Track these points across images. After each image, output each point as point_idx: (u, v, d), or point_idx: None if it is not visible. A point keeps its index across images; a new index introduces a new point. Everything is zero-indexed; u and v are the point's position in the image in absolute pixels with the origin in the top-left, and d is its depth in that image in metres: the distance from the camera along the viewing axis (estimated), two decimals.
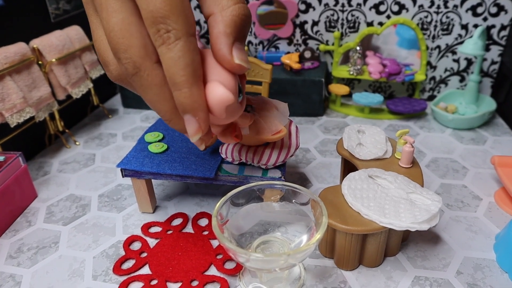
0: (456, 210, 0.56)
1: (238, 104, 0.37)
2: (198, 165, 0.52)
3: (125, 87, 0.39)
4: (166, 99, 0.36)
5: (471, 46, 0.75)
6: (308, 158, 0.70)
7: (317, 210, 0.42)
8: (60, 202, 0.61)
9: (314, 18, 0.87)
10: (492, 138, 0.75)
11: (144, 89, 0.36)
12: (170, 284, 0.46)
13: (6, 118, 0.62)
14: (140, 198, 0.56)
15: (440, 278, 0.46)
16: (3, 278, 0.48)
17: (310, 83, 0.82)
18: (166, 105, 0.36)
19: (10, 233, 0.56)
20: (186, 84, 0.35)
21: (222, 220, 0.42)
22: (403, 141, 0.52)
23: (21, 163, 0.60)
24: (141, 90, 0.36)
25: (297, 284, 0.45)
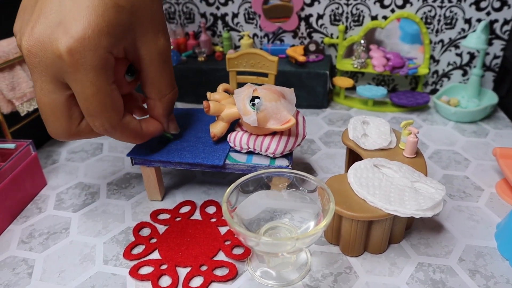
0: (458, 200, 0.57)
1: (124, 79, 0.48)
2: (207, 153, 0.53)
3: None
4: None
5: (474, 40, 0.76)
6: (313, 149, 0.71)
7: (324, 197, 0.43)
8: (70, 190, 0.63)
9: (319, 11, 0.88)
10: (494, 131, 0.76)
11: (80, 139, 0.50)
12: (179, 269, 0.47)
13: (17, 106, 0.63)
14: (149, 186, 0.57)
15: (443, 265, 0.47)
16: (16, 262, 0.50)
17: (314, 75, 0.83)
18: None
19: (21, 219, 0.57)
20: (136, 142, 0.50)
21: (231, 206, 0.44)
22: (408, 132, 0.53)
23: (32, 151, 0.61)
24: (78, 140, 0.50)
25: (303, 269, 0.46)
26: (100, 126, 0.43)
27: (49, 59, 0.39)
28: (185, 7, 0.95)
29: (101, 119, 0.42)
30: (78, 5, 0.39)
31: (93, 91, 0.40)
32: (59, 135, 0.45)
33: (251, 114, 0.48)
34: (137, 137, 0.48)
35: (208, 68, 0.87)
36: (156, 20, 0.45)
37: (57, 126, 0.44)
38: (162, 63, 0.47)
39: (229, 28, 0.95)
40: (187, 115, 0.62)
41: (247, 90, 0.49)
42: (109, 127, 0.44)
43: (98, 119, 0.42)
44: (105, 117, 0.43)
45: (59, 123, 0.44)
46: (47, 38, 0.39)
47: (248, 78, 0.69)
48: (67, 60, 0.39)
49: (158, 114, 0.51)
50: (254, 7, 0.89)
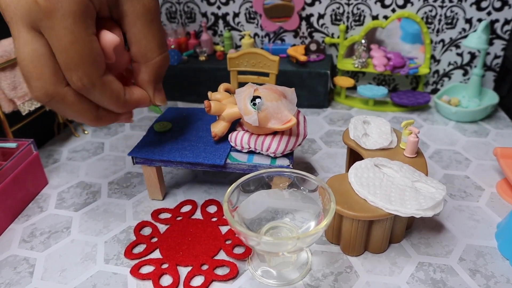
0: (459, 200, 0.58)
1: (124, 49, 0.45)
2: (208, 153, 0.53)
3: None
4: (86, 111, 0.43)
5: (475, 40, 0.76)
6: (314, 149, 0.71)
7: (325, 197, 0.43)
8: (71, 189, 0.63)
9: (320, 11, 0.88)
10: (494, 131, 0.76)
11: (63, 110, 0.42)
12: (180, 268, 0.47)
13: (18, 106, 0.63)
14: (150, 185, 0.57)
15: (443, 264, 0.47)
16: (17, 261, 0.50)
17: (315, 75, 0.83)
18: (88, 116, 0.43)
19: (22, 218, 0.57)
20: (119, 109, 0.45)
21: (232, 206, 0.44)
22: (408, 132, 0.53)
23: (33, 150, 0.61)
24: (61, 111, 0.42)
25: (304, 268, 0.47)
26: (77, 81, 0.39)
27: (24, 7, 0.37)
28: (186, 6, 0.95)
29: (79, 73, 0.39)
30: None
31: (70, 39, 0.38)
32: (43, 93, 0.40)
33: (252, 113, 0.48)
34: (118, 101, 0.44)
35: (209, 67, 0.87)
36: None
37: (40, 81, 0.39)
38: (148, 22, 0.44)
39: (230, 28, 0.95)
40: (188, 115, 0.62)
41: (248, 89, 0.50)
42: (88, 82, 0.40)
43: (75, 72, 0.39)
44: (83, 71, 0.39)
45: (43, 78, 0.39)
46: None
47: (249, 77, 0.69)
48: (43, 5, 0.36)
49: (143, 80, 0.47)
50: (255, 6, 0.90)
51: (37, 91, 0.40)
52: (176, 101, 0.92)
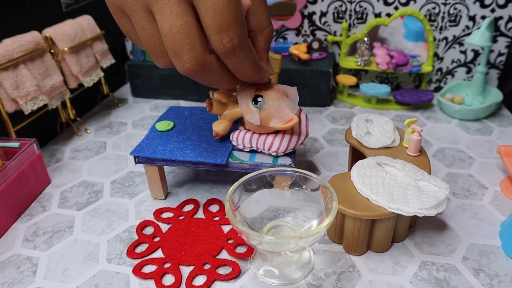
0: (462, 199, 0.57)
1: None
2: (210, 152, 0.53)
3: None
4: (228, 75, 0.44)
5: (478, 37, 0.76)
6: (316, 147, 0.71)
7: (327, 196, 0.43)
8: (73, 188, 0.63)
9: (322, 9, 0.88)
10: (498, 129, 0.75)
11: (209, 77, 0.43)
12: (182, 268, 0.47)
13: (21, 105, 0.63)
14: (153, 185, 0.57)
15: (447, 263, 0.47)
16: (20, 260, 0.50)
17: (318, 73, 0.83)
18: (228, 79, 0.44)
19: (25, 217, 0.57)
20: (254, 75, 0.45)
21: (234, 205, 0.44)
22: (411, 130, 0.53)
23: (35, 149, 0.61)
24: (207, 78, 0.43)
25: (306, 268, 0.46)
26: (228, 42, 0.39)
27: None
28: None
29: (231, 33, 0.39)
30: None
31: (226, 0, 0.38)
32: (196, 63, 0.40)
33: (253, 113, 0.48)
34: (256, 65, 0.45)
35: None
36: None
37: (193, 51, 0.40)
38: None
39: None
40: (190, 114, 0.62)
41: (250, 89, 0.49)
42: (238, 42, 0.40)
43: (227, 33, 0.39)
44: (235, 30, 0.39)
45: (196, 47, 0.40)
46: None
47: None
48: None
49: (260, 48, 0.47)
50: None
51: (190, 61, 0.40)
52: (178, 100, 0.92)
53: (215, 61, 0.42)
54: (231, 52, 0.40)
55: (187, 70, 0.41)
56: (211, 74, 0.42)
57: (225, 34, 0.39)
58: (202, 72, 0.41)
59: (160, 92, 0.92)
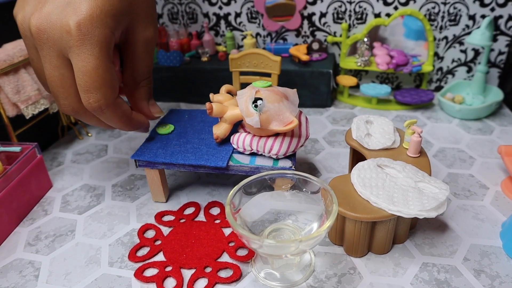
0: (463, 199, 0.57)
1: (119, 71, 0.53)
2: (210, 155, 0.53)
3: None
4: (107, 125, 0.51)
5: (478, 36, 0.76)
6: (316, 149, 0.71)
7: (328, 198, 0.43)
8: (75, 192, 0.63)
9: (322, 9, 0.88)
10: (499, 128, 0.75)
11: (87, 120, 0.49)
12: (184, 271, 0.47)
13: (22, 109, 0.63)
14: (154, 188, 0.57)
15: (448, 265, 0.47)
16: (22, 264, 0.50)
17: (318, 74, 0.83)
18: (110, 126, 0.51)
19: (27, 221, 0.57)
20: (125, 127, 0.51)
21: (234, 208, 0.44)
22: (411, 131, 0.53)
23: (37, 153, 0.61)
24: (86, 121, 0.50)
25: (307, 270, 0.47)
26: (94, 102, 0.44)
27: (57, 35, 0.42)
28: (188, 7, 0.95)
29: (98, 95, 0.44)
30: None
31: (95, 64, 0.43)
32: (70, 109, 0.47)
33: (253, 115, 0.48)
34: (126, 121, 0.50)
35: (212, 68, 0.87)
36: (149, 13, 0.50)
37: (67, 100, 0.46)
38: (145, 52, 0.51)
39: (232, 28, 0.95)
40: (191, 116, 0.62)
41: (250, 91, 0.50)
42: (104, 103, 0.45)
43: (94, 94, 0.44)
44: (102, 93, 0.44)
45: (70, 97, 0.46)
46: (56, 15, 0.42)
47: (251, 78, 0.69)
48: (75, 34, 0.42)
49: (138, 99, 0.54)
50: (257, 6, 0.89)
51: (65, 107, 0.47)
52: (178, 102, 0.93)
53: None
54: (98, 110, 0.46)
55: (64, 112, 0.48)
56: (90, 119, 0.49)
57: (92, 95, 0.44)
58: (79, 116, 0.48)
59: (160, 94, 0.92)
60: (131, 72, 0.52)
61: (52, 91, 0.46)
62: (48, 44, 0.43)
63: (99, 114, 0.46)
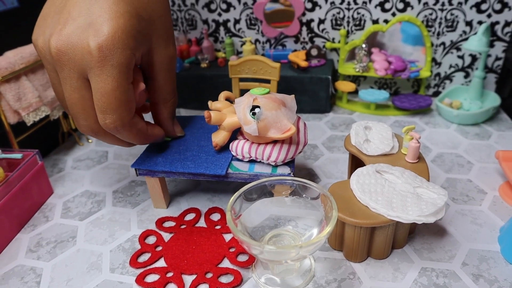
0: (461, 204, 0.58)
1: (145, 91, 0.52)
2: (209, 163, 0.53)
3: None
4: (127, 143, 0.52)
5: (475, 42, 0.76)
6: (316, 154, 0.72)
7: (327, 204, 0.43)
8: (76, 198, 0.63)
9: (320, 16, 0.89)
10: (497, 133, 0.76)
11: (105, 140, 0.50)
12: (185, 276, 0.48)
13: (23, 117, 0.64)
14: (154, 195, 0.58)
15: (446, 269, 0.47)
16: (24, 270, 0.50)
17: (317, 80, 0.83)
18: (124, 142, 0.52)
19: (28, 228, 0.58)
20: (141, 143, 0.52)
21: (235, 214, 0.44)
22: (409, 137, 0.53)
23: (38, 160, 0.61)
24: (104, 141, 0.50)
25: (307, 275, 0.47)
26: (111, 123, 0.45)
27: (78, 56, 0.42)
28: (188, 14, 0.95)
29: (114, 116, 0.44)
30: (106, 11, 0.43)
31: (113, 86, 0.43)
32: (89, 130, 0.47)
33: (251, 123, 0.49)
34: (141, 138, 0.51)
35: (211, 74, 0.87)
36: (168, 31, 0.51)
37: (87, 121, 0.46)
38: (169, 70, 0.52)
39: (231, 34, 0.96)
40: (190, 123, 0.63)
41: (247, 99, 0.50)
42: (120, 124, 0.45)
43: (111, 115, 0.44)
44: (118, 114, 0.45)
45: (90, 119, 0.46)
46: (77, 37, 0.42)
47: (251, 84, 0.69)
48: (96, 56, 0.42)
49: (163, 118, 0.55)
50: (256, 12, 0.90)
51: (84, 128, 0.47)
52: (178, 108, 0.93)
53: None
54: (114, 130, 0.46)
55: (83, 132, 0.48)
56: (109, 139, 0.49)
57: (108, 116, 0.45)
58: (98, 136, 0.49)
59: None
60: (156, 92, 0.53)
61: (72, 112, 0.47)
62: (68, 66, 0.43)
63: (115, 133, 0.47)
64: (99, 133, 0.48)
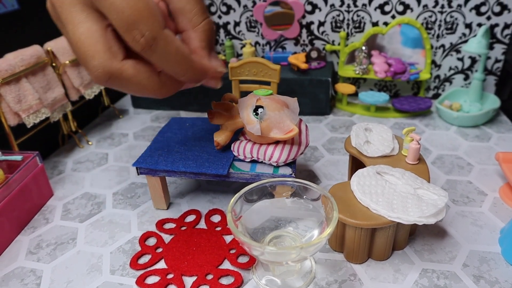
0: (461, 205, 0.58)
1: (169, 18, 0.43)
2: (211, 162, 0.53)
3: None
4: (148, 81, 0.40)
5: (475, 45, 0.77)
6: (316, 156, 0.72)
7: (328, 206, 0.43)
8: (76, 200, 0.63)
9: (320, 18, 0.89)
10: (496, 135, 0.76)
11: (124, 85, 0.39)
12: (185, 278, 0.48)
13: (23, 118, 0.64)
14: (155, 195, 0.58)
15: (447, 271, 0.47)
16: (24, 272, 0.50)
17: (317, 82, 0.84)
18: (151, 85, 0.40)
19: (28, 230, 0.58)
20: (186, 71, 0.40)
21: (236, 216, 0.44)
22: (410, 139, 0.53)
23: (38, 162, 0.61)
24: (123, 87, 0.40)
25: (308, 277, 0.47)
26: (140, 37, 0.37)
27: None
28: None
29: (140, 28, 0.37)
30: None
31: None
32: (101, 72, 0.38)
33: (254, 123, 0.49)
34: (183, 60, 0.40)
35: None
36: None
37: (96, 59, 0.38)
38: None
39: (231, 37, 0.96)
40: (192, 124, 0.63)
41: (251, 99, 0.50)
42: (150, 35, 0.37)
43: (136, 29, 0.37)
44: (144, 24, 0.37)
45: (98, 55, 0.38)
46: None
47: (251, 86, 0.69)
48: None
49: (196, 48, 0.43)
50: (256, 15, 0.90)
51: (96, 70, 0.38)
52: (178, 111, 0.93)
53: (131, 65, 0.39)
54: (147, 46, 0.38)
55: (96, 80, 0.39)
56: (127, 81, 0.39)
57: (134, 31, 0.37)
58: (114, 81, 0.39)
59: (160, 103, 0.93)
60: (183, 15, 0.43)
61: (78, 55, 0.38)
62: (67, 2, 0.37)
63: (149, 54, 0.38)
64: (114, 73, 0.38)
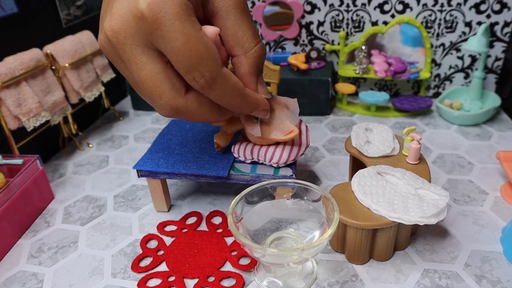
0: (463, 205, 0.58)
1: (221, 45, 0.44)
2: (211, 164, 0.53)
3: None
4: (211, 111, 0.43)
5: (475, 43, 0.77)
6: (316, 156, 0.71)
7: (329, 207, 0.43)
8: (77, 203, 0.63)
9: (319, 18, 0.89)
10: (497, 134, 0.76)
11: (189, 117, 0.43)
12: (187, 280, 0.48)
13: (23, 122, 0.64)
14: (156, 198, 0.58)
15: (449, 271, 0.47)
16: (26, 276, 0.50)
17: (317, 82, 0.83)
18: (213, 115, 0.44)
19: (30, 233, 0.58)
20: (241, 104, 0.43)
21: (236, 217, 0.44)
22: (410, 138, 0.53)
23: (39, 165, 0.61)
24: (188, 118, 0.43)
25: (310, 278, 0.47)
26: (200, 78, 0.39)
27: (133, 28, 0.38)
28: None
29: (200, 69, 0.39)
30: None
31: (182, 40, 0.38)
32: (169, 109, 0.41)
33: (254, 124, 0.49)
34: (239, 95, 0.42)
35: None
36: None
37: (163, 99, 0.40)
38: (240, 12, 0.43)
39: None
40: (192, 126, 0.63)
41: None
42: (209, 76, 0.39)
43: (196, 71, 0.39)
44: (203, 66, 0.39)
45: (164, 94, 0.40)
46: (125, 8, 0.38)
47: None
48: (149, 17, 0.37)
49: (245, 73, 0.45)
50: (255, 15, 0.90)
51: (163, 109, 0.41)
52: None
53: (194, 99, 0.41)
54: (207, 86, 0.40)
55: (164, 115, 0.42)
56: (192, 113, 0.42)
57: (194, 72, 0.39)
58: (180, 114, 0.42)
59: None
60: (235, 41, 0.44)
61: (145, 94, 0.41)
62: (128, 43, 0.39)
63: (208, 92, 0.40)
64: (179, 109, 0.41)
